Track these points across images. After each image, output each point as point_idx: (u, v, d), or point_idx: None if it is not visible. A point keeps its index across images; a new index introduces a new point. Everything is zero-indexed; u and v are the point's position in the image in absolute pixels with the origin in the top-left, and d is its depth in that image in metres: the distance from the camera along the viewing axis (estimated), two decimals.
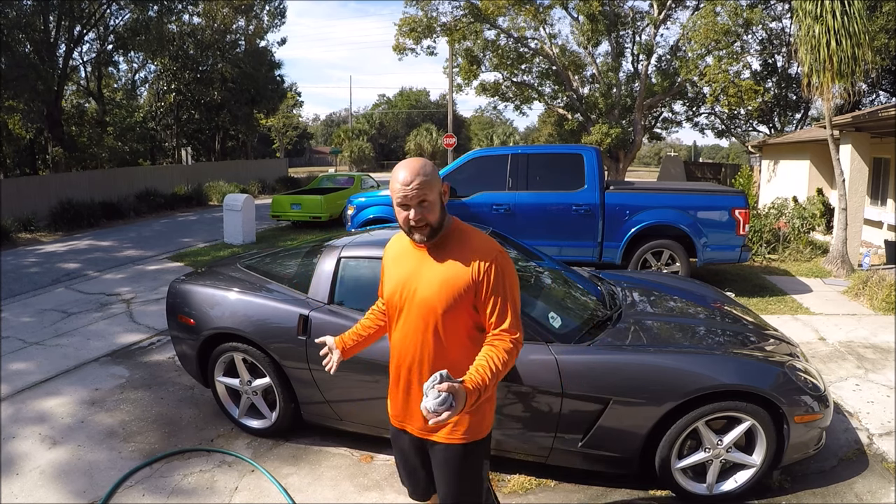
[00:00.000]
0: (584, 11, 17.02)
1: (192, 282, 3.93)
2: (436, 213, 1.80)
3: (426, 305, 1.85)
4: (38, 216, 13.40)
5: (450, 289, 1.81)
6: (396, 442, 2.11)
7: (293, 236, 12.05)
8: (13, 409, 4.06)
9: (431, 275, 1.85)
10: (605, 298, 3.69)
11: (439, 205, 1.81)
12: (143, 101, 29.26)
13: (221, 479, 3.21)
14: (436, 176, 1.81)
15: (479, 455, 1.95)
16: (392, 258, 2.01)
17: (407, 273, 1.91)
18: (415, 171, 1.76)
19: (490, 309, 1.81)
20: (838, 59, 7.50)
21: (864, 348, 5.16)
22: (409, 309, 1.89)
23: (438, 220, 1.81)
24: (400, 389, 1.99)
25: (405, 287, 1.90)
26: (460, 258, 1.83)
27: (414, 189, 1.75)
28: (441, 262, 1.85)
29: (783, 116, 21.49)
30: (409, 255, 1.93)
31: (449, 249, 1.86)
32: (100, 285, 7.84)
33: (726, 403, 2.78)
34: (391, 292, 1.95)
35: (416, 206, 1.77)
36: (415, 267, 1.89)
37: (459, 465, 1.93)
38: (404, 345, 1.93)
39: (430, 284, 1.84)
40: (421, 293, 1.86)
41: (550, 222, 7.01)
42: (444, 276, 1.83)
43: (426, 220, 1.78)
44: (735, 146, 49.58)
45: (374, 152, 49.86)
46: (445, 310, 1.82)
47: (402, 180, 1.76)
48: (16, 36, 16.43)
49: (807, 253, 9.36)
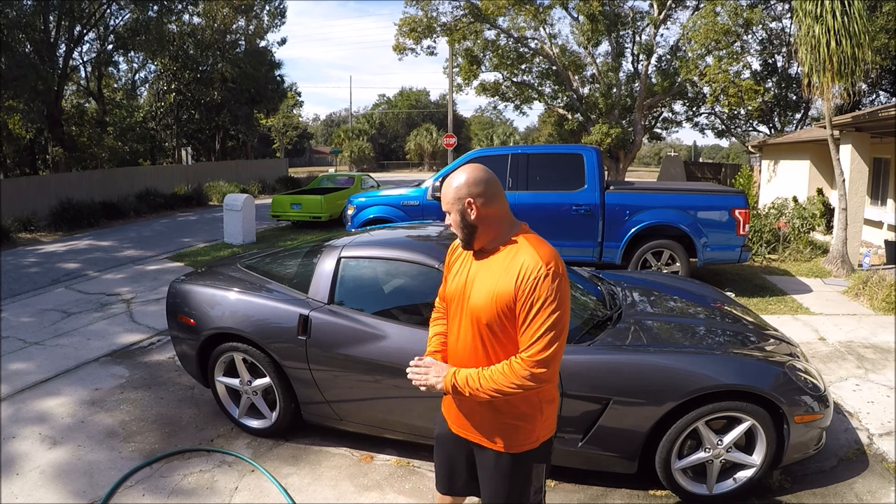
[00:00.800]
0: (584, 11, 17.02)
1: (192, 282, 3.93)
2: (458, 222, 1.82)
3: (475, 312, 1.81)
4: (38, 216, 13.39)
5: (492, 301, 1.74)
6: (444, 441, 2.07)
7: (293, 236, 12.05)
8: (13, 409, 4.05)
9: (480, 283, 1.81)
10: (606, 298, 3.69)
11: (460, 216, 1.81)
12: (143, 101, 29.26)
13: (221, 479, 3.21)
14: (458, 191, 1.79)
15: (527, 465, 1.89)
16: (454, 260, 2.00)
17: (464, 278, 1.89)
18: (448, 184, 1.83)
19: (521, 327, 1.73)
20: (838, 59, 7.50)
21: (864, 348, 5.16)
22: (462, 314, 1.87)
23: (462, 227, 1.82)
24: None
25: (460, 292, 1.88)
26: (507, 270, 1.75)
27: (445, 203, 1.83)
28: (489, 271, 1.81)
29: (783, 116, 21.49)
30: (467, 261, 1.92)
31: (499, 259, 1.81)
32: (100, 285, 7.84)
33: (726, 403, 2.78)
34: (450, 293, 1.95)
35: (447, 213, 1.85)
36: (470, 274, 1.87)
37: (508, 473, 1.88)
38: (457, 348, 1.90)
39: (479, 293, 1.80)
40: (472, 301, 1.82)
41: (550, 222, 7.00)
42: (489, 285, 1.78)
43: (453, 229, 1.85)
44: (735, 146, 49.60)
45: (374, 152, 49.86)
46: (488, 322, 1.77)
47: (444, 187, 1.85)
48: (16, 36, 16.43)
49: (807, 253, 9.36)
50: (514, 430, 1.83)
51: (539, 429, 1.85)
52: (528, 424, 1.83)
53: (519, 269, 1.71)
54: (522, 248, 1.77)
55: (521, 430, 1.84)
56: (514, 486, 1.89)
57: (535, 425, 1.84)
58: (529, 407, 1.82)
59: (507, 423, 1.84)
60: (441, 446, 2.09)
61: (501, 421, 1.84)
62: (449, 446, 2.04)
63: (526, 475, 1.89)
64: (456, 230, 1.84)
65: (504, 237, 1.82)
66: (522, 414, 1.83)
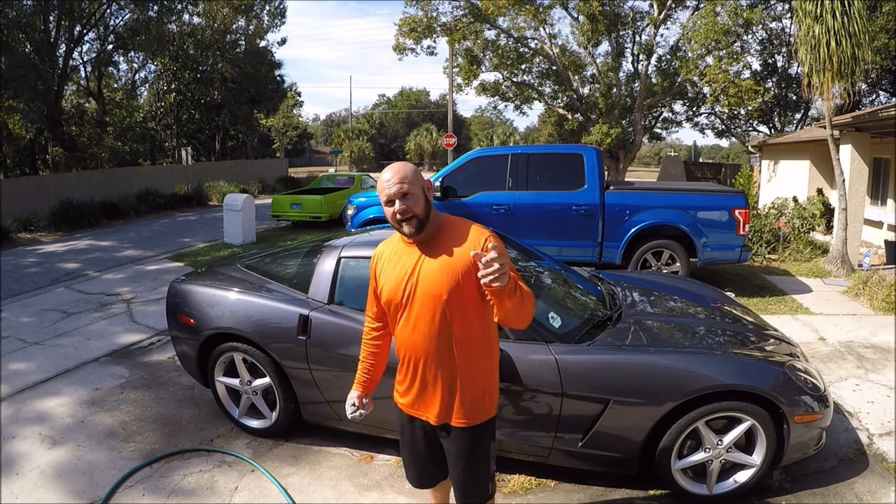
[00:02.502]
0: (584, 11, 17.02)
1: (192, 282, 3.93)
2: (420, 204, 1.90)
3: (430, 295, 1.91)
4: (38, 216, 13.39)
5: (451, 272, 1.88)
6: (407, 431, 2.17)
7: (293, 236, 12.05)
8: (13, 409, 4.06)
9: (430, 266, 1.92)
10: (605, 298, 3.69)
11: (423, 198, 1.92)
12: (143, 101, 29.23)
13: (221, 479, 3.21)
14: (417, 173, 1.94)
15: (488, 435, 2.07)
16: (386, 259, 2.05)
17: (405, 270, 1.97)
18: (395, 170, 1.92)
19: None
20: (838, 60, 7.50)
21: (864, 348, 5.16)
22: (413, 303, 1.95)
23: (424, 211, 1.91)
24: (416, 384, 2.04)
25: (406, 283, 1.95)
26: (455, 244, 1.92)
27: (395, 184, 1.88)
28: (437, 252, 1.93)
29: (783, 116, 21.49)
30: (404, 254, 1.99)
31: (442, 239, 1.95)
32: (100, 285, 7.84)
33: (726, 403, 2.78)
34: (392, 291, 1.99)
35: (399, 198, 1.88)
36: (412, 263, 1.96)
37: (474, 447, 2.04)
38: (413, 339, 1.98)
39: (431, 274, 1.91)
40: (423, 285, 1.92)
41: (550, 222, 7.00)
42: (442, 263, 1.91)
43: (411, 212, 1.88)
44: (735, 146, 49.58)
45: (374, 152, 49.83)
46: (450, 293, 1.89)
47: (385, 179, 1.91)
48: (16, 36, 16.42)
49: (807, 253, 9.36)
50: (479, 402, 2.02)
51: (492, 400, 2.07)
52: (484, 398, 2.03)
53: (468, 237, 1.92)
54: (457, 223, 1.99)
55: (483, 403, 2.03)
56: (479, 459, 2.06)
57: (492, 398, 2.06)
58: (489, 380, 2.05)
59: (473, 399, 2.00)
60: (409, 440, 2.18)
61: (466, 397, 2.00)
62: (416, 434, 2.14)
63: (486, 449, 2.07)
64: (416, 213, 1.89)
65: (436, 221, 1.98)
66: (484, 387, 2.03)
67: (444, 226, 1.98)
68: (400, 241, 2.02)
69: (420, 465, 2.21)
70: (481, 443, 2.05)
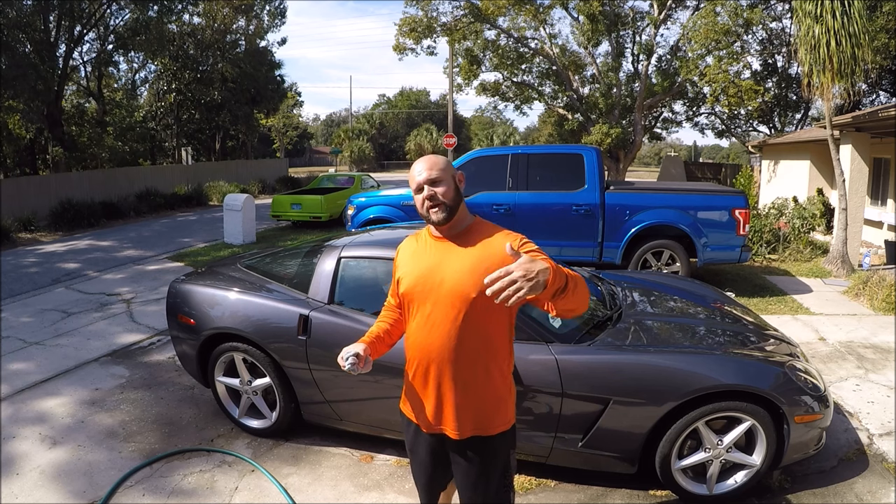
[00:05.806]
0: (584, 11, 17.01)
1: (192, 282, 3.93)
2: (450, 193, 1.84)
3: (456, 293, 1.81)
4: (38, 216, 13.39)
5: (483, 271, 1.68)
6: (420, 446, 2.04)
7: (293, 236, 12.05)
8: (13, 409, 4.05)
9: (459, 263, 1.83)
10: (606, 298, 3.69)
11: (453, 185, 1.86)
12: (143, 101, 29.24)
13: (221, 479, 3.21)
14: (447, 163, 1.90)
15: (508, 445, 1.98)
16: (409, 255, 1.96)
17: (429, 265, 1.88)
18: (426, 159, 1.90)
19: None
20: (838, 60, 7.50)
21: (864, 348, 5.16)
22: (434, 301, 1.84)
23: (453, 200, 1.84)
24: (430, 388, 1.91)
25: (429, 279, 1.86)
26: (488, 245, 1.83)
27: (425, 170, 1.85)
28: (467, 250, 1.85)
29: (783, 116, 21.49)
30: (430, 249, 1.91)
31: (473, 237, 1.87)
32: (100, 285, 7.84)
33: (726, 403, 2.78)
34: (411, 285, 1.90)
35: (428, 184, 1.84)
36: (438, 259, 1.87)
37: (494, 458, 1.94)
38: (430, 340, 1.86)
39: (460, 272, 1.81)
40: (449, 282, 1.82)
41: (551, 222, 7.00)
42: (473, 262, 1.81)
43: (439, 199, 1.82)
44: (735, 146, 49.59)
45: (374, 152, 49.82)
46: (480, 294, 1.72)
47: (416, 169, 1.88)
48: (16, 36, 16.42)
49: (807, 253, 9.36)
50: (493, 412, 1.91)
51: (511, 410, 1.97)
52: (503, 405, 1.93)
53: (502, 237, 1.83)
54: (491, 227, 1.91)
55: (499, 413, 1.92)
56: (499, 471, 1.95)
57: (509, 406, 1.96)
58: (505, 389, 1.94)
59: (487, 407, 1.90)
60: (423, 456, 2.06)
61: (482, 406, 1.89)
62: (434, 449, 2.01)
63: (507, 458, 1.97)
64: (444, 201, 1.83)
65: (468, 219, 1.92)
66: (500, 397, 1.92)
67: (476, 226, 1.90)
68: (428, 236, 1.93)
69: (431, 483, 2.11)
70: (502, 454, 1.94)
